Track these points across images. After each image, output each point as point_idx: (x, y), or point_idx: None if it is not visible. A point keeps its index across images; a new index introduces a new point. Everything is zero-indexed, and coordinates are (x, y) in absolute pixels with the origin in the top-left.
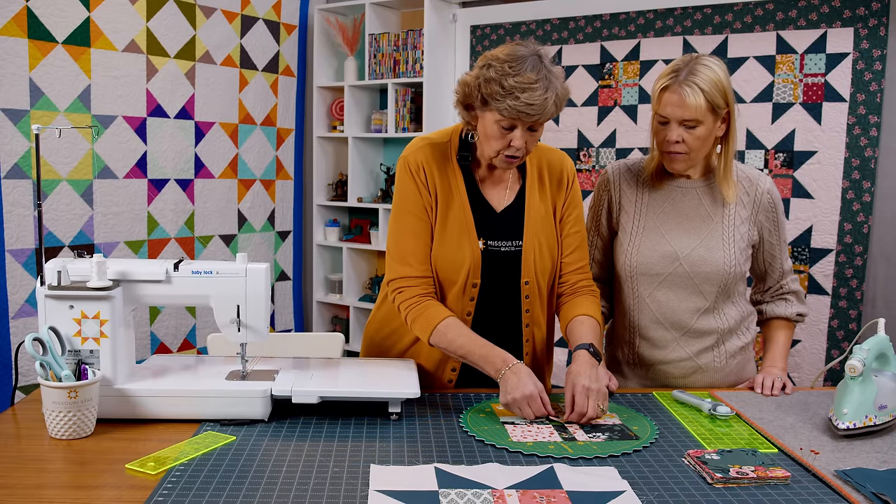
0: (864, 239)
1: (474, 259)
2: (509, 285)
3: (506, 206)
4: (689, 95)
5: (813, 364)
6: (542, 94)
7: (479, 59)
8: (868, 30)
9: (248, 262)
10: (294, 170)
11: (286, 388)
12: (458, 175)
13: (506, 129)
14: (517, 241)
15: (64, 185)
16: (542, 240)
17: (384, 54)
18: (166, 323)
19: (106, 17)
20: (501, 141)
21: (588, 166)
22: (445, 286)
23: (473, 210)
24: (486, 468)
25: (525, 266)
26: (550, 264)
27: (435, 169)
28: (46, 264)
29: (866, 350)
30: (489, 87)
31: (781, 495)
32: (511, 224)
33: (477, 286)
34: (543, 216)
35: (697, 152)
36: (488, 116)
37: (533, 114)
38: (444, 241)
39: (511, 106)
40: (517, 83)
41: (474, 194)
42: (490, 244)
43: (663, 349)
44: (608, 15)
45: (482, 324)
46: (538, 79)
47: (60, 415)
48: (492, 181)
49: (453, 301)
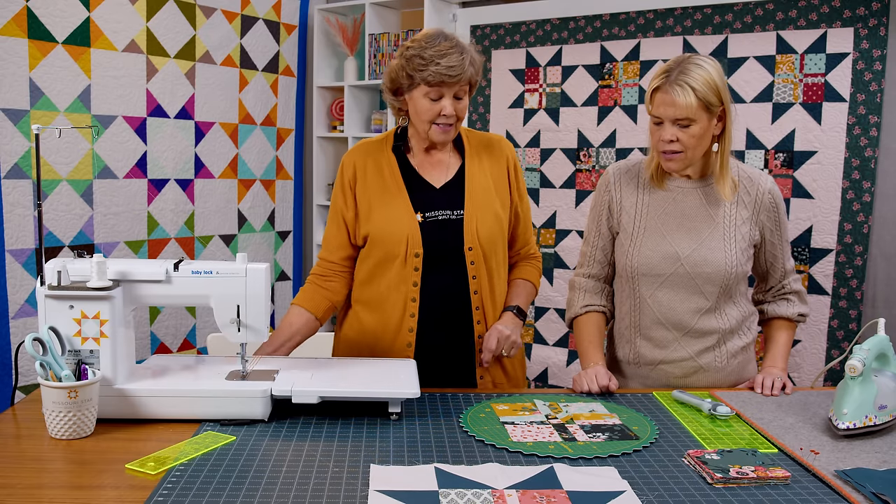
0: (864, 239)
1: (412, 230)
2: (454, 253)
3: (445, 182)
4: (679, 95)
5: (813, 364)
6: (459, 57)
7: (396, 52)
8: (868, 30)
9: (248, 262)
10: (294, 170)
11: (286, 388)
12: (392, 162)
13: (434, 101)
14: (458, 210)
15: (64, 185)
16: (486, 208)
17: (384, 54)
18: (166, 323)
19: (106, 17)
20: (432, 112)
21: (588, 166)
22: (389, 259)
23: (410, 188)
24: (486, 468)
25: (468, 233)
26: (498, 232)
27: (368, 162)
28: (46, 264)
29: (866, 350)
30: (412, 64)
31: (781, 495)
32: (451, 196)
33: (419, 256)
34: (485, 187)
35: (693, 151)
36: (416, 94)
37: (454, 75)
38: (381, 218)
39: (434, 72)
40: (435, 52)
41: (411, 175)
42: (429, 216)
43: (664, 349)
44: (608, 15)
45: (430, 293)
46: (452, 45)
47: (60, 415)
48: (430, 164)
49: (398, 272)
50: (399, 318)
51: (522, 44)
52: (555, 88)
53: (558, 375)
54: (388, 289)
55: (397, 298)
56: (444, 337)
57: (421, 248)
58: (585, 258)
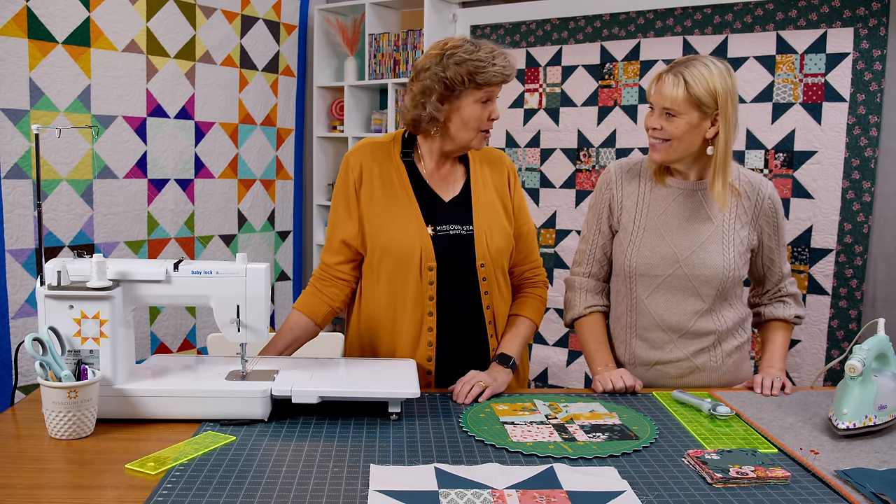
0: (864, 239)
1: (424, 242)
2: (466, 269)
3: (453, 197)
4: (668, 83)
5: (813, 364)
6: (506, 58)
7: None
8: (868, 30)
9: (248, 262)
10: (294, 170)
11: (286, 388)
12: (401, 170)
13: (483, 105)
14: (468, 225)
15: (64, 185)
16: (493, 224)
17: (384, 54)
18: (166, 323)
19: (106, 17)
20: (482, 117)
21: (588, 166)
22: (403, 272)
23: (421, 200)
24: (486, 468)
25: (479, 249)
26: (506, 247)
27: (375, 166)
28: (46, 264)
29: (866, 350)
30: (468, 66)
31: (781, 495)
32: (460, 211)
33: (433, 269)
34: (491, 203)
35: (676, 143)
36: (466, 100)
37: (509, 74)
38: (393, 228)
39: (496, 71)
40: (488, 53)
41: (421, 187)
42: (439, 229)
43: (660, 350)
44: (608, 15)
45: (445, 307)
46: (493, 47)
47: (60, 415)
48: (440, 176)
49: (414, 286)
50: (416, 330)
51: (522, 44)
52: (555, 88)
53: (558, 375)
54: (404, 301)
55: (413, 311)
56: (463, 348)
57: (434, 261)
58: (585, 257)
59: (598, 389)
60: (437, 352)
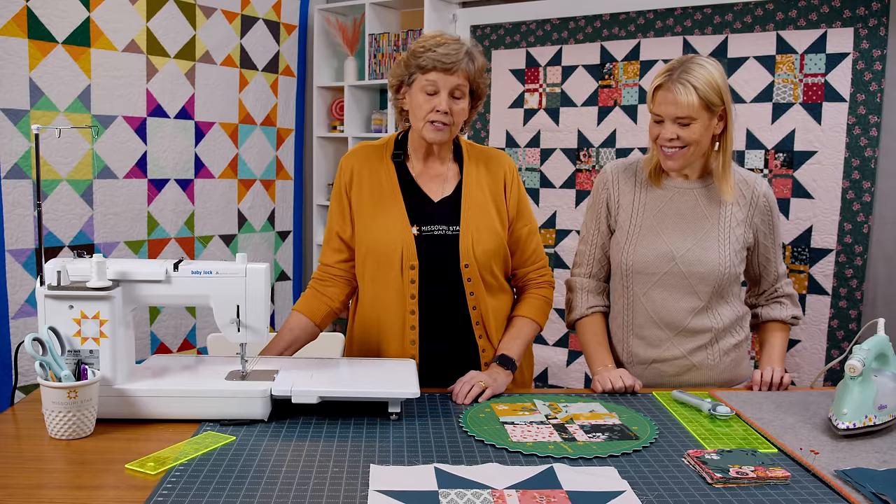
0: (864, 239)
1: (406, 242)
2: (450, 269)
3: (443, 197)
4: (681, 93)
5: (813, 364)
6: (455, 47)
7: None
8: (868, 30)
9: (247, 262)
10: (294, 170)
11: (286, 388)
12: (391, 171)
13: (430, 95)
14: (454, 226)
15: (64, 185)
16: (482, 225)
17: (384, 54)
18: (166, 323)
19: (106, 17)
20: (428, 106)
21: (588, 166)
22: (384, 270)
23: (408, 200)
24: (486, 468)
25: (463, 250)
26: (495, 249)
27: (366, 168)
28: (46, 264)
29: (866, 350)
30: (412, 55)
31: (781, 495)
32: (449, 211)
33: (415, 268)
34: (483, 204)
35: (693, 149)
36: (414, 88)
37: (448, 62)
38: (377, 227)
39: (431, 57)
40: (434, 42)
41: (410, 187)
42: (424, 229)
43: (657, 348)
44: (608, 15)
45: (429, 306)
46: (453, 39)
47: (60, 415)
48: (429, 176)
49: (395, 283)
50: (400, 329)
51: (522, 44)
52: (555, 88)
53: (558, 375)
54: (387, 300)
55: (397, 310)
56: (447, 346)
57: (416, 260)
58: (584, 258)
59: (597, 389)
60: (421, 351)
